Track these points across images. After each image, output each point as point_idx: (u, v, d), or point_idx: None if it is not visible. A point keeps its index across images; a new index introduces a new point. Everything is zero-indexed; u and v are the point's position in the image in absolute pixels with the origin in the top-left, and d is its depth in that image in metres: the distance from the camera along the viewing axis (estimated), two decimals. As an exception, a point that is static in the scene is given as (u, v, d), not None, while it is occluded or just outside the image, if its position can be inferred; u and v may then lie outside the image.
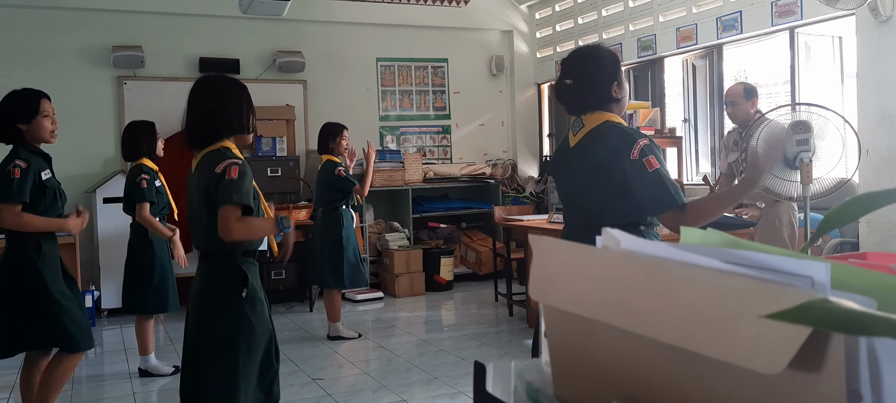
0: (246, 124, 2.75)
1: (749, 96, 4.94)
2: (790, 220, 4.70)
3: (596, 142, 2.47)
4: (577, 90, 2.52)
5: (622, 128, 2.48)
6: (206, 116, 2.70)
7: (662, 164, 2.38)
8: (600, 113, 2.51)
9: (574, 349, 0.83)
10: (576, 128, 2.56)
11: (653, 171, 2.34)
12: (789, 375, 0.60)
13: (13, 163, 3.40)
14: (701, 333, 0.66)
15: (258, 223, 2.67)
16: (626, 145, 2.38)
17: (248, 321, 2.61)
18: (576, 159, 2.54)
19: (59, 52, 7.33)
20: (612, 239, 0.81)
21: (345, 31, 8.42)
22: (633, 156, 2.35)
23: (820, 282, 0.63)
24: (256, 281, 2.68)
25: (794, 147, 4.03)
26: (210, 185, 2.59)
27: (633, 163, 2.34)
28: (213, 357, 2.62)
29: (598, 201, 2.46)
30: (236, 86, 2.79)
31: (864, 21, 5.20)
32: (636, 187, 2.36)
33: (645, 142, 2.38)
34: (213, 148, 2.68)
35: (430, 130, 9.02)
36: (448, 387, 4.63)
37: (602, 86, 2.52)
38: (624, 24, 7.72)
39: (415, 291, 7.69)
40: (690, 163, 7.27)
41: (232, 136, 2.73)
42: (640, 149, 2.36)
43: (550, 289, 0.84)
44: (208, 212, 2.62)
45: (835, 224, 0.84)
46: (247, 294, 2.62)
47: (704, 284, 0.67)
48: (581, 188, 2.54)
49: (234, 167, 2.57)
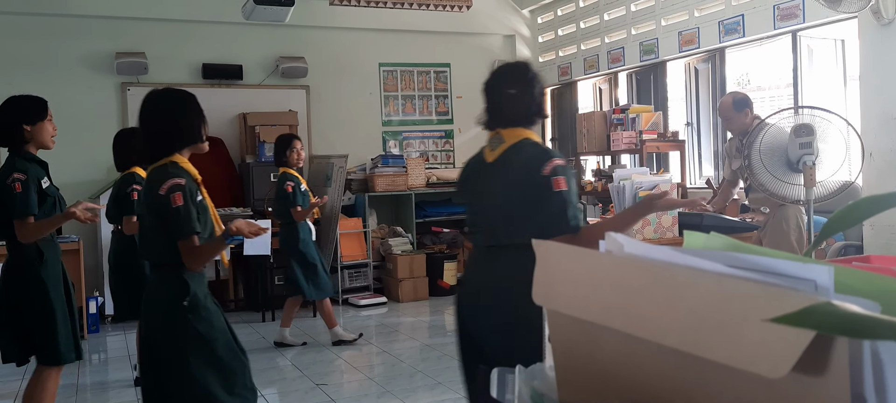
0: (200, 135, 2.80)
1: (740, 108, 4.93)
2: (797, 224, 4.68)
3: (516, 157, 2.41)
4: (514, 101, 2.47)
5: (540, 146, 2.46)
6: (162, 131, 2.74)
7: (571, 189, 2.32)
8: (522, 129, 2.46)
9: (578, 353, 0.83)
10: (494, 143, 2.50)
11: (558, 192, 2.30)
12: (793, 379, 0.60)
13: (11, 177, 3.39)
14: (705, 337, 0.66)
15: (212, 248, 2.74)
16: (541, 161, 2.34)
17: (192, 329, 2.65)
18: (493, 176, 2.46)
19: (62, 59, 7.35)
20: (616, 244, 0.81)
21: (347, 37, 8.43)
22: (544, 171, 2.31)
23: (823, 286, 0.63)
24: (202, 290, 2.74)
25: (797, 150, 4.03)
26: (156, 206, 2.65)
27: (542, 178, 2.31)
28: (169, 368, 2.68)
29: (510, 220, 2.38)
30: (188, 98, 2.83)
31: (867, 24, 5.19)
32: (539, 206, 2.32)
33: (559, 161, 2.35)
34: (161, 163, 2.71)
35: (433, 135, 9.03)
36: (452, 392, 4.63)
37: (537, 100, 2.50)
38: (626, 28, 7.72)
39: (418, 296, 7.69)
40: (693, 167, 7.26)
41: (186, 148, 2.77)
42: (552, 167, 2.32)
43: (554, 294, 0.84)
44: (154, 227, 2.69)
45: (839, 227, 0.84)
46: (189, 302, 2.66)
47: (708, 288, 0.67)
48: (494, 207, 2.45)
49: (178, 194, 2.61)
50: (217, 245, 2.74)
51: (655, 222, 4.62)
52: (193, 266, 2.67)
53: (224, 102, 7.82)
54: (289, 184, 5.71)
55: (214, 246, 2.74)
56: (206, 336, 2.67)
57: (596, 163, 8.18)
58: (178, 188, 2.61)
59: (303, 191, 5.80)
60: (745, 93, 5.21)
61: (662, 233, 4.64)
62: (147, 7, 7.50)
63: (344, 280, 7.71)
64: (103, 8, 7.40)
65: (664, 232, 4.64)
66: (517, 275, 2.29)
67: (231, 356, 2.73)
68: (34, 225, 3.41)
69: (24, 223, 3.39)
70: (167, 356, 2.68)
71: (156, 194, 2.63)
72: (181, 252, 2.64)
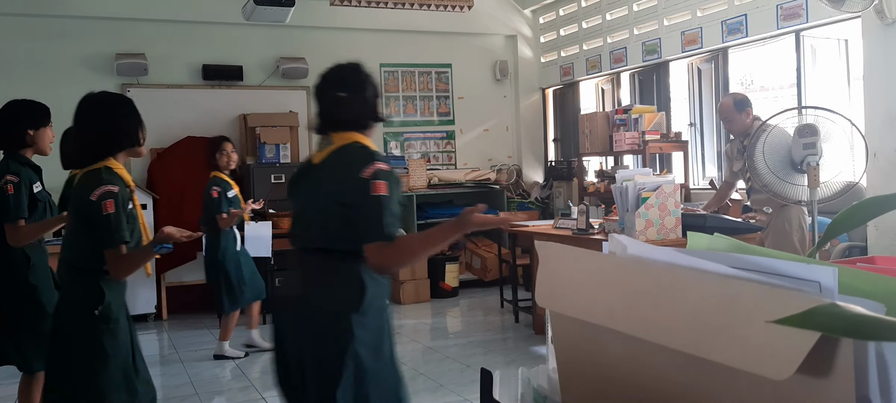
0: (137, 139, 2.80)
1: (740, 108, 4.94)
2: (800, 224, 4.68)
3: (339, 159, 2.35)
4: (344, 105, 2.39)
5: (368, 149, 2.34)
6: (100, 135, 2.73)
7: (391, 196, 2.23)
8: (353, 133, 2.38)
9: (581, 355, 0.82)
10: (323, 145, 2.45)
11: (375, 196, 2.20)
12: (798, 380, 0.60)
13: (4, 179, 3.38)
14: (709, 339, 0.65)
15: (140, 256, 2.74)
16: (363, 163, 2.25)
17: (97, 340, 2.64)
18: (316, 176, 2.40)
19: (62, 60, 7.36)
20: (619, 246, 0.81)
21: (348, 37, 8.44)
22: (364, 174, 2.22)
23: (827, 287, 0.63)
24: (117, 301, 2.72)
25: (801, 151, 4.02)
26: (86, 210, 2.64)
27: (361, 181, 2.21)
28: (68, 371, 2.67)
29: (325, 223, 2.30)
30: (126, 102, 2.84)
31: (870, 23, 5.19)
32: (354, 209, 2.23)
33: (383, 166, 2.25)
34: (95, 167, 2.70)
35: (435, 136, 9.03)
36: (454, 395, 4.62)
37: (370, 104, 2.43)
38: (628, 28, 7.72)
39: (420, 298, 7.69)
40: (696, 167, 7.25)
41: (123, 152, 2.78)
42: (374, 171, 2.22)
43: (557, 296, 0.84)
44: (80, 230, 2.68)
45: (843, 228, 0.84)
46: (100, 312, 2.65)
47: (712, 290, 0.67)
48: (313, 209, 2.37)
49: (110, 201, 2.60)
50: (145, 254, 2.74)
51: (658, 223, 4.62)
52: (118, 275, 2.66)
53: (224, 103, 7.83)
54: (215, 189, 5.50)
55: (142, 255, 2.73)
56: (108, 350, 2.65)
57: (598, 164, 8.17)
58: (110, 195, 2.61)
59: (230, 196, 5.58)
60: (745, 94, 5.20)
61: (665, 235, 4.63)
62: (147, 8, 7.51)
63: (346, 281, 7.71)
64: (103, 9, 7.41)
65: (667, 233, 4.64)
66: (324, 280, 2.26)
67: (125, 378, 2.70)
68: (26, 229, 3.40)
69: (15, 226, 3.38)
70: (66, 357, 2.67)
71: (87, 199, 2.62)
72: (108, 260, 2.63)
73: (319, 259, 2.29)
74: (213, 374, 5.38)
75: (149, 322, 7.17)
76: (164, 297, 7.31)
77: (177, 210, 7.07)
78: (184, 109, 7.60)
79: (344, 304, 2.22)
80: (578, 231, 5.37)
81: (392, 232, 2.22)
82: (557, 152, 9.26)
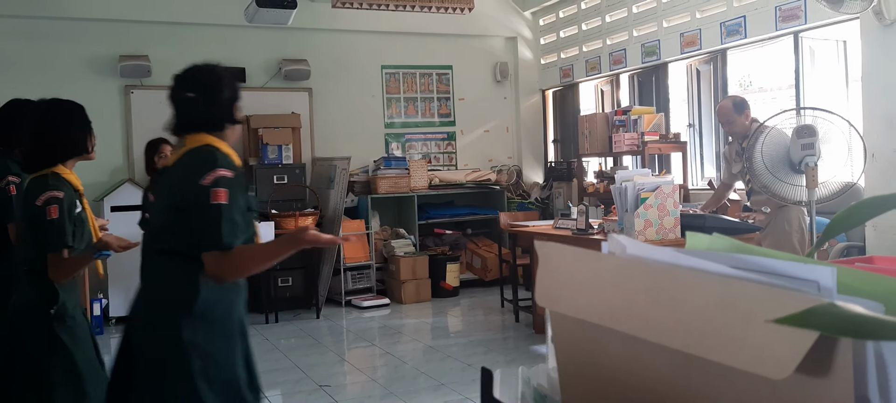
0: (85, 146, 2.87)
1: (740, 110, 4.95)
2: (800, 225, 4.68)
3: (183, 163, 2.27)
4: (195, 106, 2.31)
5: (213, 154, 2.23)
6: (49, 143, 2.79)
7: (232, 204, 2.15)
8: (205, 135, 2.29)
9: (581, 355, 0.83)
10: (178, 147, 2.39)
11: (215, 205, 2.12)
12: (797, 380, 0.60)
13: (6, 180, 3.43)
14: (708, 339, 0.66)
15: (79, 261, 2.80)
16: (204, 169, 2.16)
17: (56, 336, 2.69)
18: (163, 181, 2.38)
19: (66, 62, 7.36)
20: (619, 246, 0.81)
21: (350, 39, 8.44)
22: (205, 181, 2.13)
23: (826, 287, 0.64)
24: (72, 300, 2.79)
25: (800, 151, 4.02)
26: (31, 215, 2.71)
27: (201, 188, 2.13)
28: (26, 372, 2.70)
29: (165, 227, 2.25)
30: (77, 109, 2.88)
31: (869, 25, 5.19)
32: (193, 216, 2.16)
33: (225, 173, 2.16)
34: (43, 174, 2.76)
35: (436, 137, 9.03)
36: (455, 394, 4.63)
37: (224, 105, 2.36)
38: (628, 30, 7.72)
39: (421, 298, 7.69)
40: (695, 169, 7.25)
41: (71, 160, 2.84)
42: (214, 178, 2.14)
43: (557, 296, 0.85)
44: (30, 234, 2.76)
45: (841, 228, 0.84)
46: (56, 311, 2.71)
47: (711, 290, 0.67)
48: (158, 212, 2.34)
49: (54, 206, 2.68)
50: (84, 259, 2.81)
51: (657, 224, 4.63)
52: (57, 277, 2.72)
53: (226, 105, 7.82)
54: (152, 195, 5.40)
55: (81, 260, 2.80)
56: (69, 345, 2.71)
57: (598, 165, 8.18)
58: (54, 201, 2.69)
59: None
60: (743, 96, 5.21)
61: (664, 235, 4.64)
62: (150, 10, 7.51)
63: (347, 282, 7.72)
64: (106, 11, 7.41)
65: (666, 233, 4.64)
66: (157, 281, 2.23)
67: (90, 369, 2.76)
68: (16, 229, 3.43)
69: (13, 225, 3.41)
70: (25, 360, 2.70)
71: (33, 204, 2.71)
72: (49, 263, 2.70)
73: (158, 261, 2.25)
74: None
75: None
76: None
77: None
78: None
79: (173, 305, 2.17)
80: (578, 231, 5.38)
81: (230, 241, 2.14)
82: (557, 153, 9.26)
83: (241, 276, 2.25)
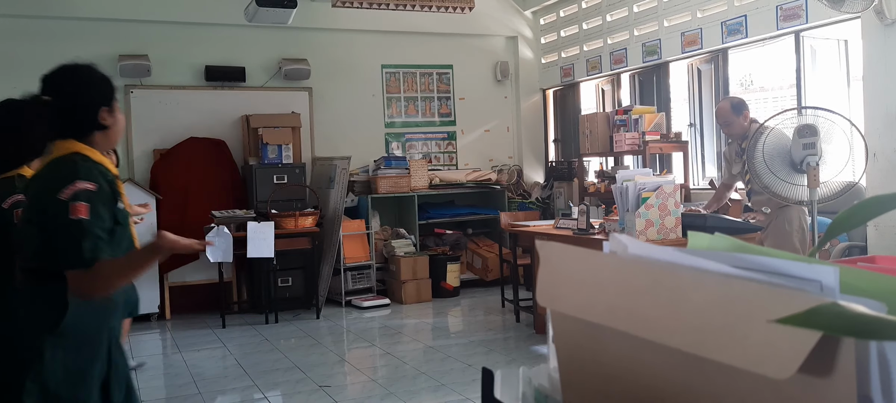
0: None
1: (738, 111, 4.94)
2: (800, 224, 4.68)
3: (43, 174, 2.15)
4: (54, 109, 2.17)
5: (74, 165, 2.09)
6: (14, 143, 2.72)
7: (94, 218, 2.03)
8: (73, 142, 2.15)
9: (582, 355, 0.83)
10: (46, 155, 2.26)
11: (74, 220, 2.00)
12: (799, 380, 0.60)
13: None
14: (710, 338, 0.65)
15: None
16: (63, 182, 2.03)
17: None
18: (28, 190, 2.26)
19: (65, 61, 7.35)
20: (620, 245, 0.81)
21: (350, 39, 8.44)
22: (62, 195, 2.01)
23: (829, 287, 0.63)
24: None
25: (801, 151, 4.02)
26: None
27: (58, 203, 2.01)
28: None
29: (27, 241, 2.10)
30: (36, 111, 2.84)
31: (870, 24, 5.18)
32: (50, 233, 2.03)
33: (86, 186, 2.03)
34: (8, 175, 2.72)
35: (436, 137, 9.03)
36: (456, 394, 4.62)
37: (87, 110, 2.21)
38: (629, 30, 7.72)
39: (421, 298, 7.69)
40: (696, 168, 7.25)
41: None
42: (73, 192, 2.01)
43: (558, 295, 0.84)
44: None
45: (843, 228, 0.84)
46: None
47: (713, 289, 0.67)
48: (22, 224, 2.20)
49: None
50: None
51: (658, 223, 4.62)
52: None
53: (227, 104, 7.83)
54: None
55: None
56: None
57: (599, 165, 8.18)
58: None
59: None
60: (741, 97, 5.20)
61: (665, 235, 4.64)
62: (150, 10, 7.51)
63: (347, 282, 7.72)
64: (106, 11, 7.41)
65: (667, 233, 4.64)
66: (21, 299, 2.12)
67: None
68: None
69: None
70: None
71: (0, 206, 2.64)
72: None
73: (23, 278, 2.14)
74: (216, 373, 5.38)
75: (152, 321, 7.18)
76: (167, 297, 7.32)
77: (180, 210, 7.07)
78: (186, 110, 7.60)
79: (35, 323, 2.08)
80: (579, 231, 5.38)
81: (92, 257, 2.01)
82: (558, 152, 9.27)
83: (108, 292, 2.11)
